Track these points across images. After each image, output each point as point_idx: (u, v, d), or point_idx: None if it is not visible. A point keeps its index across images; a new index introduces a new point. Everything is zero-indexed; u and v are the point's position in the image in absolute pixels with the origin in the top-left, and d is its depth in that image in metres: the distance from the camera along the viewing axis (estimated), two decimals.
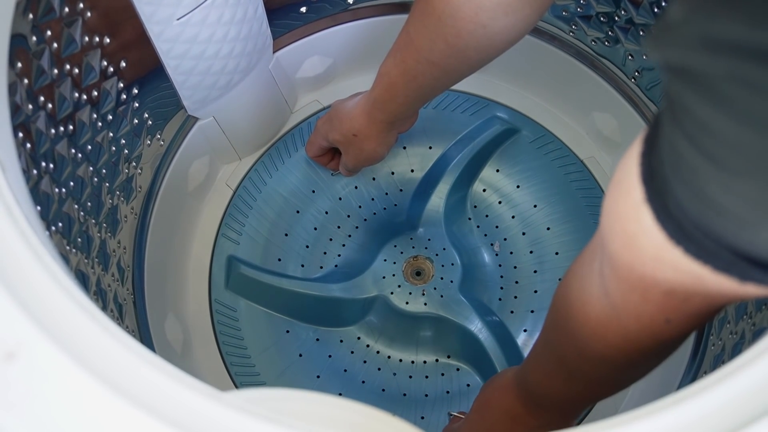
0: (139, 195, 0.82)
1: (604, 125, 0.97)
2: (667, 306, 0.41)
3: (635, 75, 0.90)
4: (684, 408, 0.35)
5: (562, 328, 0.53)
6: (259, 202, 0.95)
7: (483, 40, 0.67)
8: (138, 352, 0.34)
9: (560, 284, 0.55)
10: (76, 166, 0.66)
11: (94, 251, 0.70)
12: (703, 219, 0.33)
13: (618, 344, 0.48)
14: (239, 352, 0.88)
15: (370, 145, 0.85)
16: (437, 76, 0.73)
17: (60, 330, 0.35)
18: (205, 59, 0.79)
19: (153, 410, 0.32)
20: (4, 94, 0.47)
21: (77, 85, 0.65)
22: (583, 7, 0.89)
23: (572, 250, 0.93)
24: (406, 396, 0.88)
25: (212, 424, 0.32)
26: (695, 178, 0.32)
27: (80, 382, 0.33)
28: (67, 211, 0.64)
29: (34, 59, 0.57)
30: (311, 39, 0.96)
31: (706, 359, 0.78)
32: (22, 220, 0.38)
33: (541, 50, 0.96)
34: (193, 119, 0.87)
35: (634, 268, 0.41)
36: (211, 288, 0.91)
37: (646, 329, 0.45)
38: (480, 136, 0.96)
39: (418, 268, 0.90)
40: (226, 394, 0.33)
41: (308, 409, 0.34)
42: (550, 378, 0.59)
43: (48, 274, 0.36)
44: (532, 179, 0.97)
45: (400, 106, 0.79)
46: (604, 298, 0.46)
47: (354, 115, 0.84)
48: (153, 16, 0.70)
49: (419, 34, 0.70)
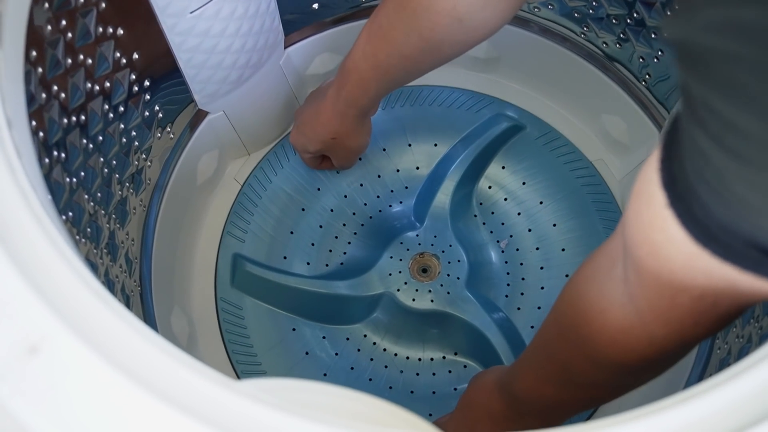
0: (148, 187, 0.82)
1: (613, 128, 0.97)
2: (697, 310, 0.41)
3: (646, 78, 0.90)
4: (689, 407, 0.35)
5: (571, 335, 0.52)
6: (265, 200, 0.95)
7: (458, 34, 0.66)
8: (154, 340, 0.34)
9: (567, 292, 0.54)
10: (87, 156, 0.66)
11: (103, 242, 0.70)
12: (729, 218, 0.33)
13: (641, 350, 0.47)
14: (245, 350, 0.88)
15: (352, 141, 0.85)
16: (408, 69, 0.72)
17: (82, 323, 0.35)
18: (216, 53, 0.79)
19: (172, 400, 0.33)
20: (21, 82, 0.47)
21: (90, 76, 0.65)
22: (594, 8, 0.89)
23: (578, 246, 0.93)
24: (414, 393, 0.88)
25: (227, 412, 0.32)
26: (721, 178, 0.32)
27: (102, 374, 0.33)
28: (77, 201, 0.64)
29: (48, 48, 0.57)
30: (322, 36, 0.96)
31: (712, 363, 0.78)
32: (39, 208, 0.38)
33: (552, 51, 0.96)
34: (203, 113, 0.88)
35: (661, 276, 0.40)
36: (217, 286, 0.91)
37: (673, 333, 0.44)
38: (485, 134, 0.96)
39: (425, 265, 0.90)
40: (241, 383, 0.33)
41: (322, 400, 0.34)
42: (543, 384, 0.59)
43: (67, 265, 0.36)
44: (537, 176, 0.97)
45: (372, 99, 0.78)
46: (628, 304, 0.46)
47: (325, 120, 0.83)
48: (167, 9, 0.70)
49: (392, 27, 0.68)
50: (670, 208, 0.36)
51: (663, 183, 0.36)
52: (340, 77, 0.78)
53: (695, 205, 0.34)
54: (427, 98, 1.00)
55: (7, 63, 0.46)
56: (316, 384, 0.35)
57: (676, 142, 0.35)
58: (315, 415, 0.32)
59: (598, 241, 0.92)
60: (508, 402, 0.64)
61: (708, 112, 0.31)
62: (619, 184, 0.96)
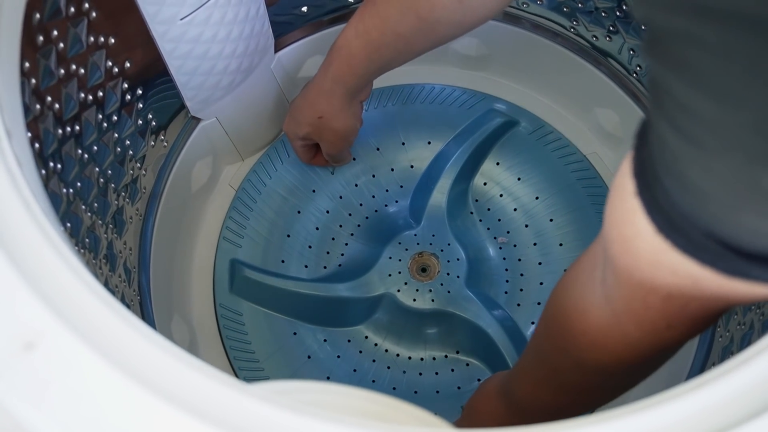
0: (143, 196, 0.82)
1: (606, 121, 0.97)
2: (668, 311, 0.41)
3: (637, 70, 0.91)
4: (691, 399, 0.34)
5: (557, 337, 0.52)
6: (260, 204, 0.94)
7: (456, 15, 0.65)
8: (158, 342, 0.34)
9: (554, 295, 0.53)
10: (83, 166, 0.66)
11: (101, 252, 0.70)
12: (687, 207, 0.33)
13: (618, 352, 0.47)
14: (247, 356, 0.87)
15: (338, 122, 0.83)
16: (400, 49, 0.71)
17: (79, 320, 0.34)
18: (208, 59, 0.79)
19: (173, 399, 0.32)
20: (17, 92, 0.47)
21: (83, 86, 0.65)
22: (583, 2, 0.90)
23: (576, 240, 0.93)
24: (417, 393, 0.87)
25: (239, 414, 0.32)
26: (677, 162, 0.31)
27: (100, 372, 0.33)
28: (75, 212, 0.64)
29: (41, 59, 0.57)
30: (313, 39, 0.96)
31: (714, 351, 0.78)
32: (40, 214, 0.37)
33: (543, 47, 0.96)
34: (196, 120, 0.87)
35: (633, 274, 0.40)
36: (216, 292, 0.90)
37: (647, 335, 0.44)
38: (479, 130, 0.96)
39: (424, 265, 0.90)
40: (252, 386, 0.33)
41: (335, 400, 0.34)
42: (539, 389, 0.58)
43: (66, 266, 0.36)
44: (532, 171, 0.97)
45: (359, 78, 0.77)
46: (606, 305, 0.45)
47: (311, 100, 0.81)
48: (156, 16, 0.70)
49: (389, 5, 0.67)
50: (637, 197, 0.35)
51: (633, 172, 0.36)
52: (329, 55, 0.77)
53: (659, 193, 0.34)
54: (419, 96, 1.00)
55: (4, 74, 0.45)
56: (329, 385, 0.35)
57: (646, 130, 0.35)
58: (329, 416, 0.32)
59: (595, 236, 0.92)
60: (509, 408, 0.64)
61: (665, 94, 0.30)
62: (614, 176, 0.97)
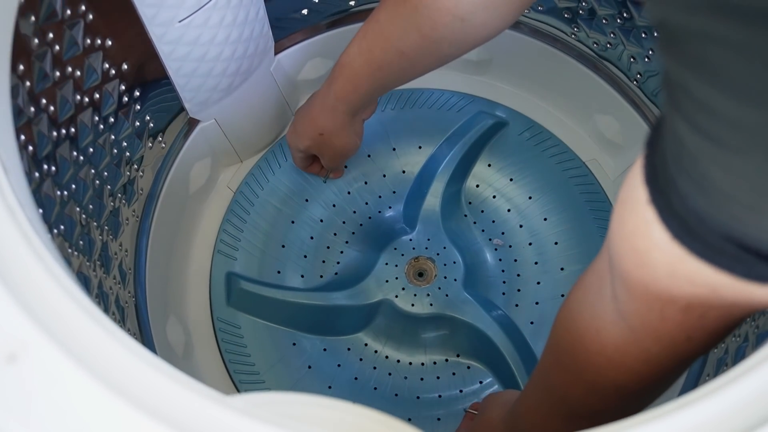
0: (140, 198, 0.82)
1: (606, 128, 0.97)
2: (687, 323, 0.40)
3: (637, 77, 0.90)
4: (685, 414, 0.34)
5: (569, 362, 0.51)
6: (253, 216, 0.94)
7: (459, 33, 0.64)
8: (141, 354, 0.34)
9: (561, 318, 0.52)
10: (78, 168, 0.66)
11: (95, 254, 0.70)
12: (705, 209, 0.32)
13: (637, 369, 0.46)
14: (247, 368, 0.87)
15: (339, 140, 0.83)
16: (404, 67, 0.70)
17: (62, 332, 0.34)
18: (206, 61, 0.79)
19: (155, 413, 0.32)
20: (7, 96, 0.47)
21: (79, 88, 0.65)
22: (585, 9, 0.89)
23: (571, 239, 0.93)
24: (420, 399, 0.87)
25: (216, 427, 0.32)
26: (696, 163, 0.31)
27: (82, 384, 0.33)
28: (69, 214, 0.64)
29: (36, 62, 0.57)
30: (313, 41, 0.96)
31: (709, 363, 0.78)
32: (25, 223, 0.37)
33: (543, 52, 0.96)
34: (195, 121, 0.87)
35: (649, 287, 0.39)
36: (213, 306, 0.89)
37: (666, 349, 0.43)
38: (469, 132, 0.96)
39: (421, 269, 0.90)
40: (231, 398, 0.33)
41: (313, 412, 0.34)
42: (545, 420, 0.57)
43: (50, 276, 0.36)
44: (524, 171, 0.97)
45: (362, 97, 0.77)
46: (621, 322, 0.44)
47: (314, 116, 0.82)
48: (155, 19, 0.70)
49: (391, 23, 0.67)
50: (651, 204, 0.35)
51: (645, 179, 0.35)
52: (333, 72, 0.77)
53: (674, 198, 0.33)
54: (408, 100, 1.00)
55: None
56: (308, 397, 0.34)
57: (658, 135, 0.34)
58: (306, 428, 0.32)
59: (590, 233, 0.93)
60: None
61: (683, 94, 0.29)
62: (613, 183, 0.96)
